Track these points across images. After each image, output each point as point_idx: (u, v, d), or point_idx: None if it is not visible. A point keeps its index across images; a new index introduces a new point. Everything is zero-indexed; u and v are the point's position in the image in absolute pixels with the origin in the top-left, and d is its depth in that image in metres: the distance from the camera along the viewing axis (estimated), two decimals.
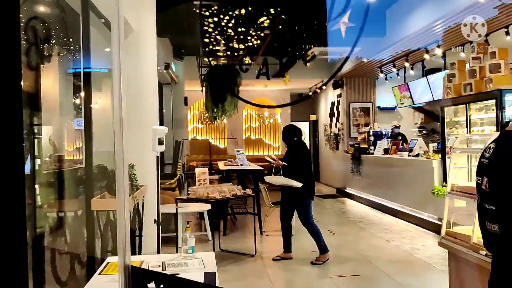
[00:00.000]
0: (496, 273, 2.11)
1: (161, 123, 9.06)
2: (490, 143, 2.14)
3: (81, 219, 4.71)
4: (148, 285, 1.13)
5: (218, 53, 9.80)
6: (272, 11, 7.04)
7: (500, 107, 6.09)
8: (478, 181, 2.16)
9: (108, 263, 2.79)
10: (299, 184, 5.65)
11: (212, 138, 15.33)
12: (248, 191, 5.98)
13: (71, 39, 5.10)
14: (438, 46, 8.43)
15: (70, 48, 5.27)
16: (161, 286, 1.11)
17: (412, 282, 4.96)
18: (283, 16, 7.25)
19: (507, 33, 6.87)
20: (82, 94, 4.81)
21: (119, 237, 1.18)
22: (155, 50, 6.41)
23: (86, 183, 4.74)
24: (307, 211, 5.81)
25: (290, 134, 6.03)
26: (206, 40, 8.99)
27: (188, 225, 3.26)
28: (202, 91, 7.83)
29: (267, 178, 6.02)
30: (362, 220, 8.66)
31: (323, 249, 5.73)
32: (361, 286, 4.99)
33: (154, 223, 4.04)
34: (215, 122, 8.90)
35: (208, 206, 6.44)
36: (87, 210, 4.63)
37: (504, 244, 1.96)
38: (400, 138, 10.23)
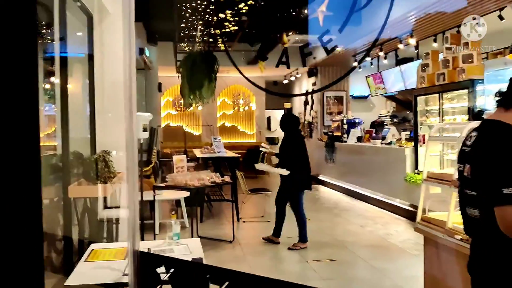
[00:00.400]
0: (475, 256, 2.18)
1: None
2: (472, 131, 2.20)
3: (57, 207, 4.64)
4: (158, 269, 1.15)
5: (195, 39, 9.71)
6: None
7: (471, 96, 6.27)
8: (460, 168, 2.22)
9: (92, 250, 2.77)
10: (285, 172, 5.74)
11: (186, 125, 15.23)
12: (227, 179, 6.00)
13: (43, 22, 4.96)
14: (411, 36, 8.58)
15: (42, 31, 5.12)
16: (172, 270, 1.12)
17: (387, 266, 5.10)
18: (261, 2, 7.22)
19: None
20: (56, 79, 4.71)
21: (128, 224, 1.19)
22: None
23: (62, 170, 4.67)
24: (298, 202, 5.91)
25: (289, 123, 6.09)
26: (183, 25, 8.88)
27: (173, 212, 3.25)
28: (178, 77, 7.74)
29: (257, 165, 6.18)
30: (337, 207, 8.82)
31: (303, 237, 5.84)
32: (337, 270, 5.10)
33: None
34: (191, 109, 8.82)
35: (185, 194, 6.44)
36: (64, 197, 4.56)
37: (483, 228, 2.03)
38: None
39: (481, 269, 2.10)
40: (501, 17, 6.37)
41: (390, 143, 8.71)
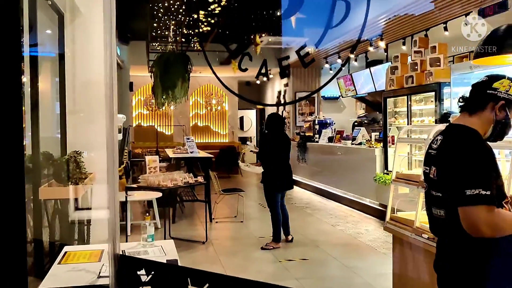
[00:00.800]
0: (441, 255, 2.27)
1: None
2: (438, 135, 2.28)
3: (27, 208, 4.56)
4: (138, 272, 1.17)
5: (168, 39, 9.66)
6: None
7: (438, 99, 6.47)
8: (426, 171, 2.30)
9: (66, 252, 2.76)
10: (259, 170, 5.91)
11: (158, 125, 15.12)
12: (200, 179, 6.01)
13: None
14: (381, 39, 8.78)
15: None
16: (152, 273, 1.15)
17: (357, 265, 5.22)
18: (235, 4, 7.26)
19: (445, 28, 7.27)
20: (25, 78, 4.62)
21: (109, 227, 1.21)
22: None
23: (32, 171, 4.59)
24: (272, 200, 6.01)
25: (275, 123, 6.23)
26: (155, 25, 8.83)
27: (147, 214, 3.26)
28: (151, 77, 7.69)
29: (240, 164, 6.48)
30: (308, 206, 8.93)
31: (277, 237, 5.92)
32: (310, 269, 5.19)
33: None
34: (163, 108, 8.77)
35: (157, 194, 6.41)
36: (33, 199, 4.49)
37: (448, 228, 2.12)
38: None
39: (446, 267, 2.19)
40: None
41: (360, 143, 8.88)
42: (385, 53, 9.79)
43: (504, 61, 4.90)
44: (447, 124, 2.39)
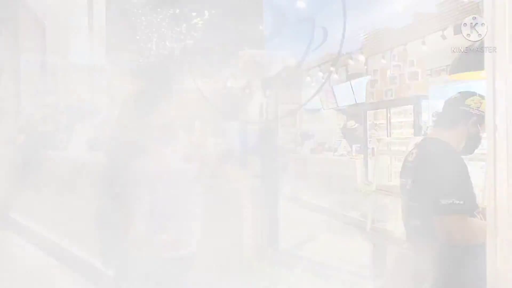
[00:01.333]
0: (418, 264, 2.33)
1: None
2: (413, 148, 2.36)
3: None
4: None
5: (150, 51, 9.63)
6: (206, 12, 7.08)
7: (417, 112, 6.62)
8: (403, 182, 2.37)
9: None
10: None
11: None
12: None
13: None
14: (361, 53, 8.94)
15: None
16: None
17: (338, 276, 5.23)
18: (217, 18, 7.31)
19: (423, 43, 7.45)
20: None
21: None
22: (86, 45, 6.23)
23: None
24: None
25: None
26: (138, 37, 8.80)
27: None
28: None
29: None
30: (289, 216, 8.93)
31: None
32: (291, 282, 5.19)
33: None
34: None
35: None
36: None
37: (424, 237, 2.19)
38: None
39: (423, 275, 2.26)
40: (443, 37, 6.76)
41: (341, 155, 8.98)
42: (365, 67, 9.95)
43: (480, 76, 5.05)
44: (423, 137, 2.48)
